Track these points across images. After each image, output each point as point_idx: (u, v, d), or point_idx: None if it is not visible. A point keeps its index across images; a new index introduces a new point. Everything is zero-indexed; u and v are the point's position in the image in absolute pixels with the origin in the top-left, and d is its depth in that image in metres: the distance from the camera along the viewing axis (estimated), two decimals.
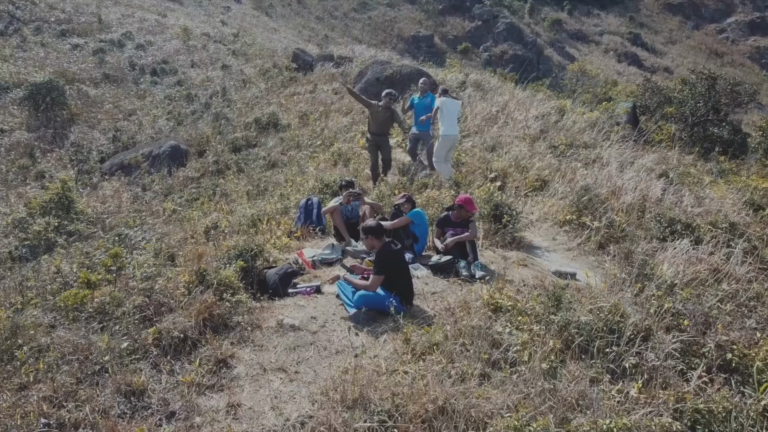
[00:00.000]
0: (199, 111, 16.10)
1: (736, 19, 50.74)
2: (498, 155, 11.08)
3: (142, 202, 11.54)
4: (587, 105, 14.83)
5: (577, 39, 46.60)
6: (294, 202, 9.17)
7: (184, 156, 13.63)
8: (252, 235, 8.10)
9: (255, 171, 12.22)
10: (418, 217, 7.10)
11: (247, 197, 10.44)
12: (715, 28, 50.41)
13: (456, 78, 16.23)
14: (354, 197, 7.62)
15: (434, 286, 6.24)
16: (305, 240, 8.01)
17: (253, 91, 17.20)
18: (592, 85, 21.51)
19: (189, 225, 9.08)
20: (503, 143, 11.77)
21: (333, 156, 12.09)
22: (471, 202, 6.96)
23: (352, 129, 13.55)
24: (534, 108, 13.33)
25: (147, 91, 18.37)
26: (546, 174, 9.90)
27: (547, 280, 6.26)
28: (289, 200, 9.36)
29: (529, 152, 11.07)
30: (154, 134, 15.30)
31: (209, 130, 14.57)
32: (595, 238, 7.58)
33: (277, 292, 6.16)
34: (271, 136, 13.86)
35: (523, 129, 12.40)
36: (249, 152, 13.27)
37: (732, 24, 50.33)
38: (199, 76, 18.97)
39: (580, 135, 11.91)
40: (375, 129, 10.17)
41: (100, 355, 4.83)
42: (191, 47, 21.80)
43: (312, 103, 15.46)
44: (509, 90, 15.01)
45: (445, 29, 42.45)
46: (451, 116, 10.74)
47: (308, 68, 19.41)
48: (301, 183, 10.46)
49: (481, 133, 12.65)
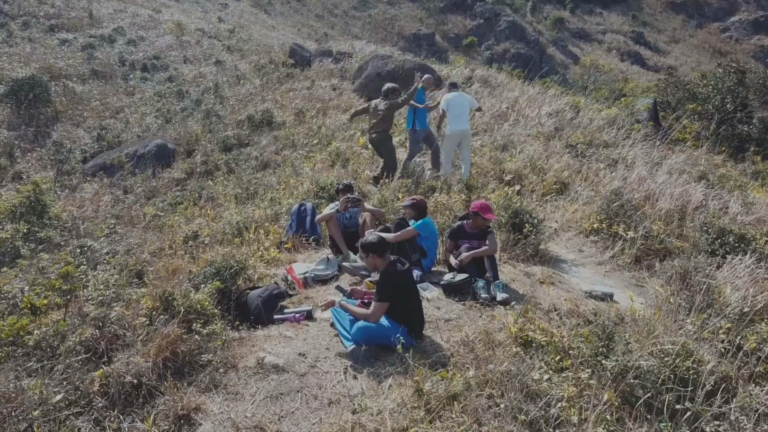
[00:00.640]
0: (189, 108, 15.01)
1: (740, 17, 49.65)
2: (511, 155, 10.00)
3: (123, 206, 10.45)
4: (602, 101, 13.74)
5: (579, 38, 45.50)
6: (286, 208, 8.10)
7: (171, 156, 12.55)
8: (236, 246, 7.03)
9: (246, 172, 11.14)
10: (425, 228, 6.00)
11: (235, 201, 9.35)
12: (718, 27, 49.32)
13: (461, 73, 15.14)
14: (352, 203, 6.53)
15: (448, 311, 5.16)
16: (297, 252, 6.93)
17: (247, 88, 16.10)
18: (606, 80, 20.40)
19: (168, 233, 7.99)
20: (515, 142, 10.69)
21: (330, 156, 11.01)
22: (489, 208, 5.86)
23: (351, 127, 12.46)
24: (546, 104, 12.24)
25: (136, 87, 17.27)
26: (565, 176, 8.82)
27: (583, 304, 5.19)
28: (280, 205, 8.28)
29: (544, 152, 10.00)
30: (141, 133, 14.21)
31: (199, 129, 13.49)
32: (630, 251, 6.50)
33: (260, 318, 5.08)
34: (264, 135, 12.78)
35: (536, 127, 11.32)
36: (240, 152, 12.18)
37: (735, 23, 49.25)
38: (192, 72, 17.87)
39: (599, 133, 10.83)
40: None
41: (30, 408, 3.77)
42: (184, 43, 20.70)
43: (309, 100, 14.38)
44: (519, 86, 13.92)
45: (446, 27, 41.35)
46: (461, 111, 9.71)
47: (306, 64, 18.32)
48: (295, 186, 9.39)
49: (490, 132, 11.57)
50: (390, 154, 9.17)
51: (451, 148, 9.78)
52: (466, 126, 9.89)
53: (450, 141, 9.63)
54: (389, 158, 9.14)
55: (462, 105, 9.82)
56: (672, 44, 47.76)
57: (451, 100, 9.69)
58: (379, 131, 8.99)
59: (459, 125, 9.67)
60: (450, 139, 9.60)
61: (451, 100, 9.73)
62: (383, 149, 9.15)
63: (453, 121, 9.61)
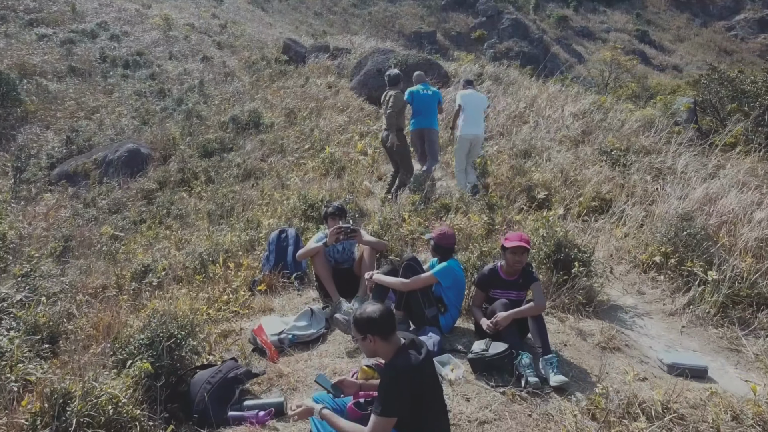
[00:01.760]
0: (170, 108, 13.29)
1: (745, 16, 47.86)
2: (536, 164, 8.29)
3: (80, 222, 8.76)
4: (627, 100, 12.02)
5: (583, 36, 43.76)
6: (265, 232, 6.40)
7: (144, 162, 10.83)
8: (198, 287, 5.34)
9: (226, 182, 9.45)
10: (448, 275, 4.23)
11: (208, 219, 7.65)
12: (723, 26, 47.55)
13: (471, 70, 13.42)
14: (345, 235, 4.83)
15: (481, 405, 3.46)
16: (274, 294, 5.24)
17: (235, 86, 14.39)
18: (626, 78, 18.64)
19: (117, 265, 6.30)
20: (538, 148, 8.99)
21: (324, 163, 9.31)
22: (528, 241, 4.16)
23: (348, 129, 10.75)
24: (570, 104, 10.53)
25: (116, 85, 15.54)
26: (606, 190, 7.12)
27: (676, 393, 3.50)
28: (258, 229, 6.58)
29: (575, 160, 8.30)
30: (114, 135, 12.50)
31: (178, 131, 11.78)
32: (714, 299, 4.80)
33: (207, 416, 3.39)
34: (250, 138, 11.07)
35: (561, 130, 9.61)
36: (222, 157, 10.47)
37: (741, 21, 47.47)
38: (176, 69, 16.14)
39: (635, 137, 9.11)
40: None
41: None
42: (171, 38, 18.96)
43: (302, 99, 12.66)
44: (536, 84, 12.21)
45: (447, 25, 39.60)
46: (476, 112, 8.10)
47: (300, 60, 16.60)
48: (280, 201, 7.70)
49: (507, 135, 9.86)
50: (403, 158, 7.50)
51: (463, 154, 8.16)
52: (480, 130, 8.27)
53: (463, 145, 8.01)
54: (402, 163, 7.49)
55: (478, 106, 8.20)
56: (677, 43, 46.00)
57: (467, 98, 8.06)
58: (388, 128, 7.36)
59: (473, 128, 8.05)
60: (463, 143, 7.99)
61: (468, 97, 8.09)
62: (394, 151, 7.49)
63: (468, 122, 7.98)
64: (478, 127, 8.15)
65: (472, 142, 8.23)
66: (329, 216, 5.13)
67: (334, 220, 5.05)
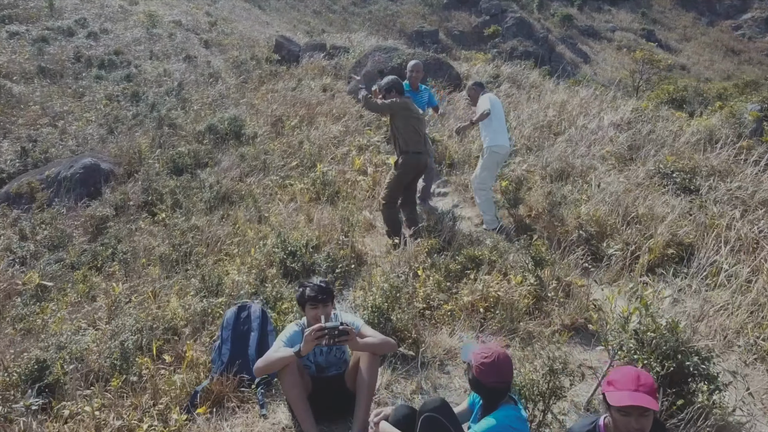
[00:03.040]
0: (142, 114, 11.38)
1: (753, 15, 45.91)
2: (578, 189, 6.40)
3: (13, 260, 6.86)
4: (665, 106, 10.11)
5: (588, 35, 41.77)
6: (225, 300, 4.51)
7: (104, 179, 8.93)
8: (113, 401, 3.46)
9: (197, 206, 7.56)
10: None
11: (160, 265, 5.75)
12: (730, 25, 45.59)
13: (485, 71, 11.50)
14: (332, 339, 2.94)
15: None
16: (225, 414, 3.36)
17: (218, 89, 12.47)
18: (658, 79, 16.62)
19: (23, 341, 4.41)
20: (578, 167, 7.10)
21: (314, 185, 7.42)
22: (653, 390, 2.24)
23: (344, 141, 8.85)
24: (609, 111, 8.62)
25: (88, 88, 13.62)
26: (685, 232, 5.24)
27: None
28: (217, 295, 4.69)
29: (628, 184, 6.41)
30: (76, 146, 10.60)
31: (147, 141, 9.87)
32: None
33: None
34: (229, 152, 9.17)
35: (604, 144, 7.72)
36: (195, 175, 8.57)
37: (748, 20, 45.53)
38: (156, 70, 14.21)
39: (696, 154, 7.21)
40: (416, 140, 5.56)
41: None
42: (155, 36, 17.01)
43: (292, 104, 10.73)
44: (562, 86, 10.30)
45: (450, 24, 37.64)
46: (502, 120, 6.37)
47: (294, 60, 14.69)
48: (254, 241, 5.81)
49: (535, 150, 7.97)
50: (388, 183, 5.68)
51: (494, 174, 6.41)
52: (510, 143, 6.56)
53: (495, 160, 6.26)
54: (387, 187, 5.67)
55: (502, 113, 6.46)
56: (683, 42, 44.00)
57: (495, 103, 6.26)
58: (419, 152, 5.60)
59: (506, 140, 6.33)
60: (495, 158, 6.24)
61: (495, 102, 6.29)
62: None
63: (499, 132, 6.23)
64: (508, 139, 6.43)
65: (503, 159, 6.53)
66: (307, 302, 3.23)
67: (315, 308, 3.17)
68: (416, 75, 6.50)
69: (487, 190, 6.23)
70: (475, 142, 8.37)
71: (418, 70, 6.53)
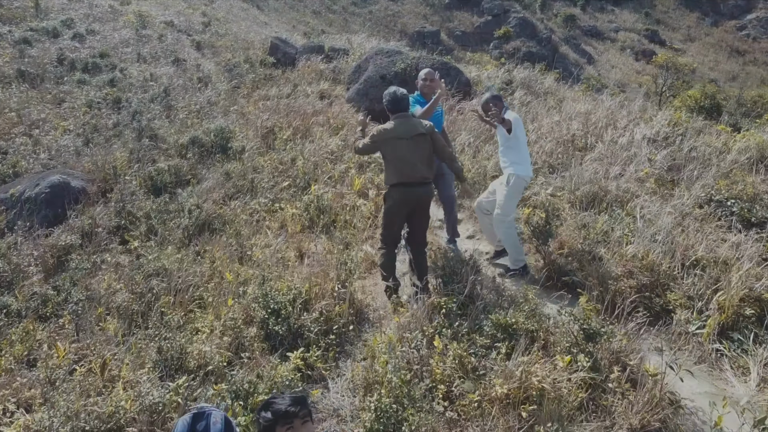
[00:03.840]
0: (123, 123, 10.30)
1: (757, 15, 44.75)
2: (617, 220, 5.33)
3: None
4: (693, 114, 9.03)
5: (591, 36, 40.61)
6: (185, 382, 3.44)
7: (73, 199, 7.85)
8: None
9: (174, 234, 6.50)
10: None
11: (118, 318, 4.67)
12: (734, 25, 44.40)
13: (497, 76, 10.42)
14: None
15: None
16: None
17: (207, 95, 11.38)
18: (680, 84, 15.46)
19: None
20: (611, 191, 6.03)
21: (308, 210, 6.36)
22: None
23: (343, 157, 7.78)
24: (642, 125, 7.54)
25: (68, 93, 12.53)
26: (765, 286, 4.17)
27: None
28: (179, 371, 3.62)
29: (676, 216, 5.34)
30: (49, 159, 9.52)
31: (125, 155, 8.79)
32: None
33: None
34: (213, 168, 8.09)
35: (636, 161, 6.64)
36: (175, 195, 7.50)
37: (753, 20, 44.37)
38: (143, 74, 13.12)
39: (750, 177, 6.13)
40: (408, 171, 4.47)
41: None
42: (144, 37, 15.92)
43: (286, 113, 9.64)
44: (585, 95, 9.20)
45: (452, 24, 36.51)
46: (524, 143, 5.32)
47: (290, 63, 13.62)
48: (233, 288, 4.74)
49: (560, 169, 6.90)
50: (382, 228, 4.64)
51: (517, 203, 5.38)
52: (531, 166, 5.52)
53: (520, 190, 5.23)
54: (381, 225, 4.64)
55: (525, 135, 5.41)
56: (688, 43, 42.83)
57: (519, 124, 5.19)
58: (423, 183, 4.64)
59: (530, 167, 5.29)
60: (521, 186, 5.21)
61: (520, 123, 5.22)
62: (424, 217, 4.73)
63: (526, 158, 5.19)
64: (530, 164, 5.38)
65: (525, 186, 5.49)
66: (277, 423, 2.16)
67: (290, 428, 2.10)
68: (430, 84, 5.37)
69: (512, 222, 5.16)
70: (490, 159, 7.30)
71: (432, 79, 5.39)
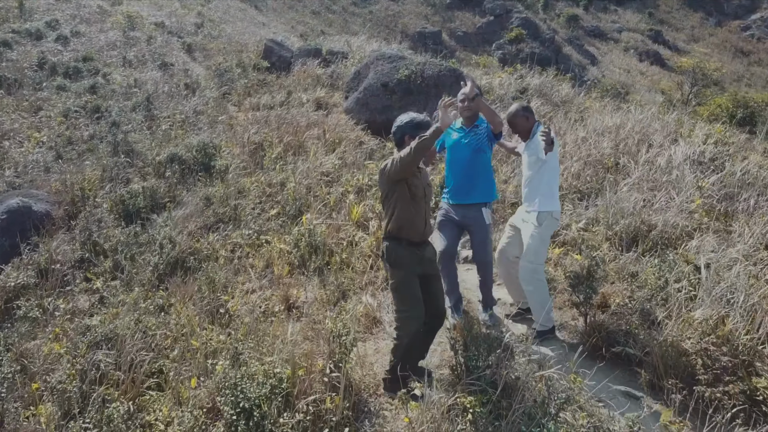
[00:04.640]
0: (100, 135, 9.25)
1: (762, 15, 43.67)
2: (673, 269, 4.29)
3: None
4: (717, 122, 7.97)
5: (594, 36, 39.50)
6: None
7: (35, 226, 6.82)
8: None
9: (144, 272, 5.48)
10: None
11: (54, 404, 3.64)
12: (739, 25, 43.32)
13: (509, 83, 9.36)
14: None
15: None
16: None
17: (194, 103, 10.33)
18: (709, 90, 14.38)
19: None
20: (657, 227, 5.00)
21: (298, 245, 5.33)
22: None
23: (339, 179, 6.74)
24: (681, 143, 6.49)
25: (47, 100, 11.49)
26: None
27: None
28: None
29: (748, 265, 4.30)
30: (15, 176, 8.48)
31: (97, 174, 7.76)
32: None
33: None
34: (194, 191, 7.05)
35: (680, 186, 5.61)
36: (149, 223, 6.47)
37: (757, 21, 43.30)
38: (126, 80, 12.07)
39: None
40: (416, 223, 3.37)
41: None
42: (131, 40, 14.86)
43: (278, 125, 8.59)
44: (610, 106, 8.14)
45: (453, 25, 35.40)
46: (557, 170, 4.24)
47: (285, 67, 12.57)
48: (200, 360, 3.71)
49: (590, 198, 5.86)
50: (396, 294, 3.48)
51: (547, 250, 4.33)
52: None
53: (551, 231, 4.20)
54: (397, 304, 3.48)
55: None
56: (692, 43, 41.74)
57: (556, 144, 4.15)
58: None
59: (558, 201, 4.23)
60: (554, 227, 4.18)
61: (555, 143, 4.16)
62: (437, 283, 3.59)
63: (557, 190, 4.15)
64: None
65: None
66: None
67: None
68: (469, 105, 4.29)
69: (542, 272, 4.13)
70: (509, 182, 6.26)
71: (465, 99, 4.22)
